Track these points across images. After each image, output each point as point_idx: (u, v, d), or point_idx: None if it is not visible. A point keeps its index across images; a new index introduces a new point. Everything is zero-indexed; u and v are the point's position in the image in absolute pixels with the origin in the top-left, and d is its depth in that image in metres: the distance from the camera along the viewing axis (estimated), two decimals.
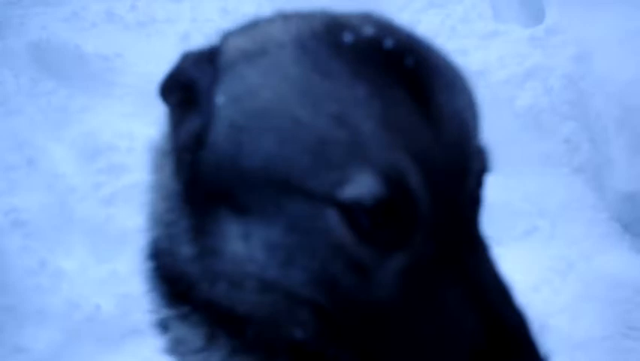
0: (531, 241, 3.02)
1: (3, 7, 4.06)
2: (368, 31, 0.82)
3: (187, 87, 0.87)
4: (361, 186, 0.75)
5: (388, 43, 0.81)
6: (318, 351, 0.86)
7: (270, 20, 0.91)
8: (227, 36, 0.91)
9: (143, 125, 3.34)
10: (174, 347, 0.97)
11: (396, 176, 0.75)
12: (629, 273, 2.87)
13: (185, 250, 0.87)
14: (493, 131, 0.88)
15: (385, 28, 0.85)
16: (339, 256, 0.78)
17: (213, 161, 0.83)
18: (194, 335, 0.92)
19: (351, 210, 0.76)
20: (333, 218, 0.77)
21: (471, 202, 0.83)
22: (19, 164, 3.26)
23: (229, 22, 0.96)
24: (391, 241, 0.78)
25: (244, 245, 0.81)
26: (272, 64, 0.82)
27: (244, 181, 0.80)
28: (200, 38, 0.94)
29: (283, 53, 0.82)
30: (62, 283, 2.77)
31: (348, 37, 0.81)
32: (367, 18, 0.87)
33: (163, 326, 0.98)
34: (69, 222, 3.03)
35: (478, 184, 0.85)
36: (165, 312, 0.96)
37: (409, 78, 0.79)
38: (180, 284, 0.90)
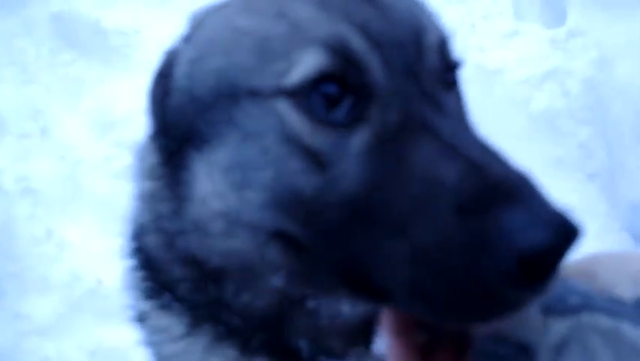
0: None
1: None
2: None
3: (165, 74, 0.90)
4: (306, 64, 0.74)
5: None
6: (298, 302, 0.85)
7: None
8: (197, 13, 0.94)
9: None
10: (152, 337, 0.98)
11: (339, 42, 0.74)
12: None
13: (165, 207, 0.89)
14: (507, 131, 0.87)
15: None
16: (296, 153, 0.75)
17: (176, 102, 0.87)
18: (176, 323, 0.93)
19: (300, 94, 0.75)
20: (284, 108, 0.76)
21: (435, 77, 0.79)
22: (33, 132, 3.29)
23: None
24: (349, 119, 0.75)
25: (207, 180, 0.82)
26: (225, 6, 0.87)
27: (200, 108, 0.83)
28: None
29: None
30: (66, 254, 2.81)
31: None
32: None
33: (140, 318, 1.00)
34: (78, 194, 3.06)
35: (445, 60, 0.83)
36: (145, 304, 0.97)
37: None
38: (161, 252, 0.91)
